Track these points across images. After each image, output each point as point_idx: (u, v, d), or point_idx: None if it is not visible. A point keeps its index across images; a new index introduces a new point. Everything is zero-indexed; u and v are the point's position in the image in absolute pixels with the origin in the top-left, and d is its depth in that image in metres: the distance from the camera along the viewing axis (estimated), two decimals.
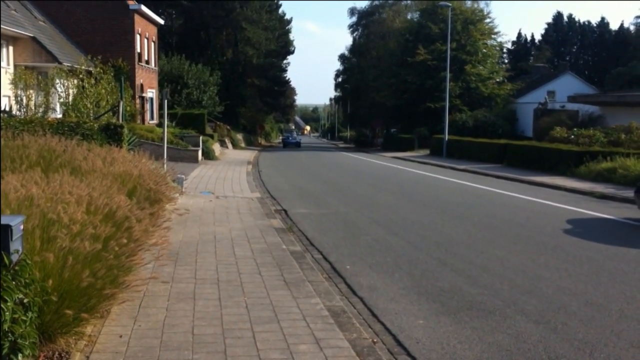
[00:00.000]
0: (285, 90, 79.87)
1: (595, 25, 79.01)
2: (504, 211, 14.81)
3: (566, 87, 50.24)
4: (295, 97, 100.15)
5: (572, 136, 29.09)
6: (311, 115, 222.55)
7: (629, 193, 15.91)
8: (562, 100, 43.68)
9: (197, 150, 31.25)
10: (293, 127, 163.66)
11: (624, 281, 8.00)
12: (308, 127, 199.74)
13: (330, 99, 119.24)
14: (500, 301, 7.12)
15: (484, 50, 53.30)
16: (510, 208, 15.39)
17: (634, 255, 9.65)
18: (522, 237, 11.13)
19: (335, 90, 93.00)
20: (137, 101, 34.83)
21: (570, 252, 9.86)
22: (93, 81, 23.92)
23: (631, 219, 13.49)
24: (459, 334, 6.04)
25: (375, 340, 5.81)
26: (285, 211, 14.66)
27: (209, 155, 33.74)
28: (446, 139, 39.93)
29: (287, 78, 79.26)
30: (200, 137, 33.56)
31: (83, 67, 25.02)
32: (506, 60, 75.23)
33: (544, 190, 19.82)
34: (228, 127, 53.61)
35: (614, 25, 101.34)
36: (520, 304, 7.01)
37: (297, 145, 66.07)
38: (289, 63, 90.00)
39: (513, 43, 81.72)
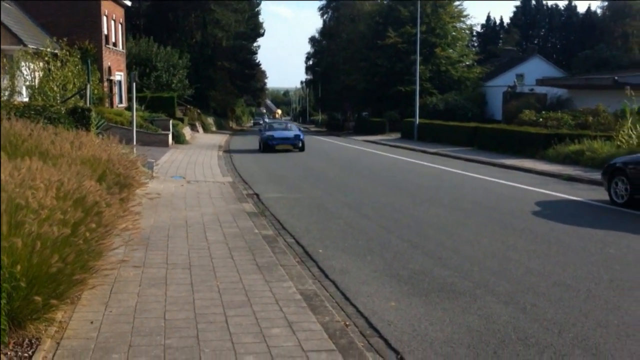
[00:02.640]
0: (255, 73, 79.42)
1: (562, 8, 79.66)
2: (474, 194, 14.96)
3: (535, 70, 50.69)
4: (266, 81, 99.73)
5: (541, 119, 29.40)
6: (282, 99, 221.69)
7: (596, 175, 16.16)
8: (530, 84, 44.09)
9: (168, 134, 30.96)
10: (264, 110, 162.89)
11: (591, 262, 8.14)
12: (279, 111, 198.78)
13: (302, 82, 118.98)
14: (471, 282, 7.21)
15: (454, 34, 53.52)
16: (480, 191, 15.55)
17: (601, 236, 9.82)
18: (492, 220, 11.25)
19: (306, 73, 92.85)
20: (105, 84, 34.31)
21: (538, 234, 10.00)
22: (59, 64, 23.47)
23: (598, 200, 13.72)
24: (430, 315, 6.11)
25: (347, 322, 5.84)
26: (257, 195, 14.63)
27: (179, 139, 33.46)
28: (417, 122, 40.09)
29: (257, 61, 78.88)
30: (171, 121, 33.25)
31: (49, 50, 24.51)
32: (475, 44, 75.69)
33: (513, 173, 20.04)
34: (198, 110, 53.20)
35: (581, 9, 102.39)
36: (490, 285, 7.10)
37: (294, 145, 29.91)
38: (259, 46, 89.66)
39: (482, 26, 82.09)
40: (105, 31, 35.37)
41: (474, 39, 76.74)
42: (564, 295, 6.69)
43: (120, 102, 38.58)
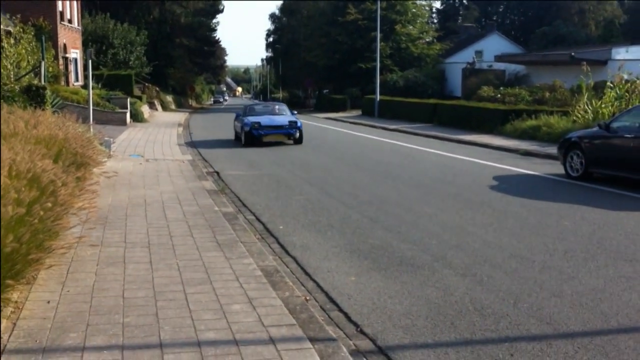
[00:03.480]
0: (215, 50, 78.44)
1: None
2: (434, 169, 15.11)
3: (493, 46, 51.18)
4: (226, 58, 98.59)
5: (499, 95, 29.74)
6: (243, 77, 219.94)
7: (553, 150, 16.46)
8: (489, 60, 44.53)
9: (125, 113, 30.49)
10: (224, 88, 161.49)
11: (546, 234, 8.32)
12: (240, 89, 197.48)
13: (262, 60, 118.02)
14: (429, 256, 7.31)
15: (414, 10, 53.63)
16: (439, 166, 15.71)
17: (555, 209, 10.03)
18: (451, 194, 11.39)
19: (267, 50, 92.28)
20: (60, 62, 33.52)
21: (495, 208, 10.17)
22: (12, 41, 22.88)
23: (554, 174, 13.99)
24: (389, 288, 6.18)
25: (308, 297, 5.88)
26: (218, 173, 14.55)
27: (137, 117, 33.00)
28: (378, 99, 40.20)
29: (216, 38, 77.84)
30: (128, 99, 32.74)
31: (2, 27, 23.84)
32: (435, 20, 76.00)
33: (472, 149, 20.29)
34: (157, 88, 52.46)
35: None
36: (448, 258, 7.21)
37: (289, 136, 21.32)
38: (218, 22, 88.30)
39: (441, 3, 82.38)
40: (60, 8, 34.45)
41: (434, 15, 77.13)
42: (520, 267, 6.83)
43: (77, 80, 37.77)
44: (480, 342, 4.88)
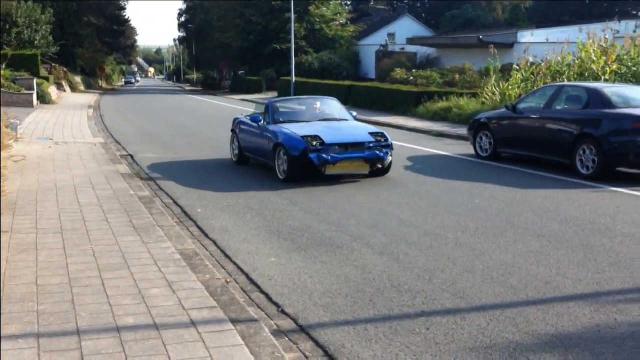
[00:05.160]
0: (125, 30, 76.25)
1: None
2: None
3: (405, 29, 52.10)
4: (137, 38, 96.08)
5: (411, 77, 30.32)
6: (155, 57, 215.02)
7: (463, 131, 16.97)
8: (401, 43, 45.29)
9: (32, 94, 29.28)
10: (136, 69, 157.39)
11: (458, 212, 8.60)
12: (152, 69, 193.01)
13: (175, 40, 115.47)
14: (348, 236, 7.43)
15: None
16: None
17: (467, 187, 10.38)
18: (367, 175, 11.57)
19: (179, 30, 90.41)
20: None
21: (410, 187, 10.42)
22: None
23: (465, 154, 14.44)
24: (309, 269, 6.26)
25: (228, 280, 5.88)
26: (132, 156, 14.24)
27: (45, 99, 31.76)
28: (293, 80, 40.16)
29: (127, 17, 75.63)
30: (35, 80, 31.41)
31: None
32: (349, 2, 76.41)
33: (388, 130, 20.54)
34: (65, 69, 50.52)
35: None
36: (366, 237, 7.36)
37: (373, 162, 10.77)
38: (127, 1, 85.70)
39: None
40: None
41: None
42: (434, 244, 7.05)
43: None
44: (397, 318, 5.03)
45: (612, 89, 11.96)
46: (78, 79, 57.13)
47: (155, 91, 65.09)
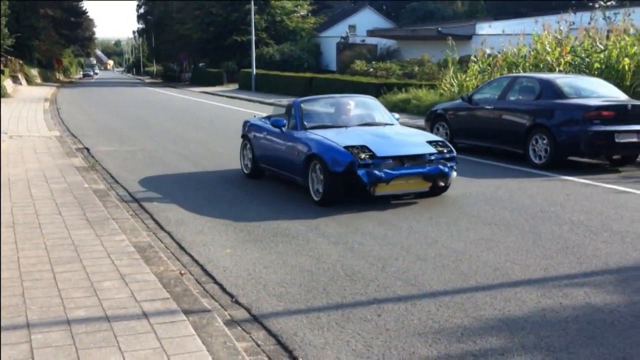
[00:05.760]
0: (82, 21, 75.04)
1: None
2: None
3: (366, 21, 52.25)
4: (95, 30, 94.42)
5: (372, 69, 30.51)
6: (114, 49, 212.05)
7: (421, 122, 17.14)
8: (362, 35, 45.43)
9: None
10: (94, 61, 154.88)
11: (413, 202, 8.71)
12: (111, 62, 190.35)
13: (134, 32, 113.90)
14: (304, 226, 7.48)
15: None
16: None
17: None
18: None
19: (138, 22, 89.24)
20: None
21: None
22: None
23: None
24: (265, 259, 6.29)
25: (182, 271, 5.88)
26: (88, 149, 14.06)
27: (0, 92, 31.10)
28: (254, 73, 40.06)
29: (84, 8, 74.44)
30: None
31: None
32: None
33: None
34: (21, 61, 49.49)
35: None
36: (321, 228, 7.41)
37: (435, 178, 8.50)
38: None
39: None
40: None
41: None
42: (388, 233, 7.14)
43: None
44: (350, 305, 5.10)
45: (564, 80, 12.22)
46: (34, 71, 56.01)
47: (114, 84, 64.18)
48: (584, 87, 12.05)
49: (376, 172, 8.10)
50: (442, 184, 8.71)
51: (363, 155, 8.21)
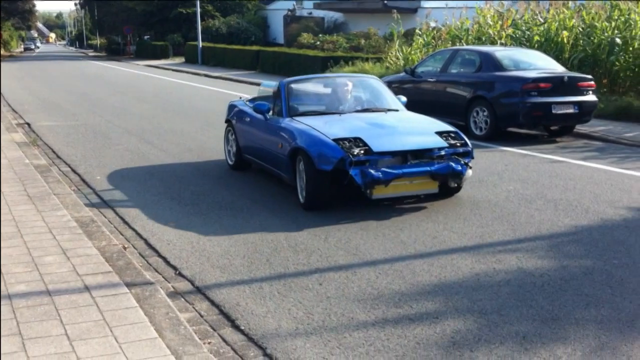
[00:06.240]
0: None
1: None
2: None
3: None
4: (35, 2, 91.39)
5: (318, 42, 30.47)
6: (56, 22, 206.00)
7: None
8: (309, 7, 45.19)
9: None
10: (36, 34, 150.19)
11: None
12: (53, 35, 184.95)
13: (76, 4, 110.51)
14: (248, 200, 7.55)
15: None
16: None
17: None
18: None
19: None
20: None
21: None
22: None
23: None
24: (209, 232, 6.35)
25: (126, 245, 5.89)
26: (29, 124, 13.76)
27: None
28: (200, 46, 39.56)
29: None
30: None
31: None
32: None
33: None
34: None
35: None
36: (265, 202, 7.49)
37: (448, 177, 6.96)
38: None
39: None
40: None
41: None
42: (333, 205, 7.25)
43: None
44: (292, 275, 5.22)
45: (503, 53, 12.49)
46: None
47: (56, 57, 62.50)
48: (522, 60, 12.33)
49: (372, 171, 6.65)
50: (454, 184, 7.27)
51: (356, 151, 6.76)
